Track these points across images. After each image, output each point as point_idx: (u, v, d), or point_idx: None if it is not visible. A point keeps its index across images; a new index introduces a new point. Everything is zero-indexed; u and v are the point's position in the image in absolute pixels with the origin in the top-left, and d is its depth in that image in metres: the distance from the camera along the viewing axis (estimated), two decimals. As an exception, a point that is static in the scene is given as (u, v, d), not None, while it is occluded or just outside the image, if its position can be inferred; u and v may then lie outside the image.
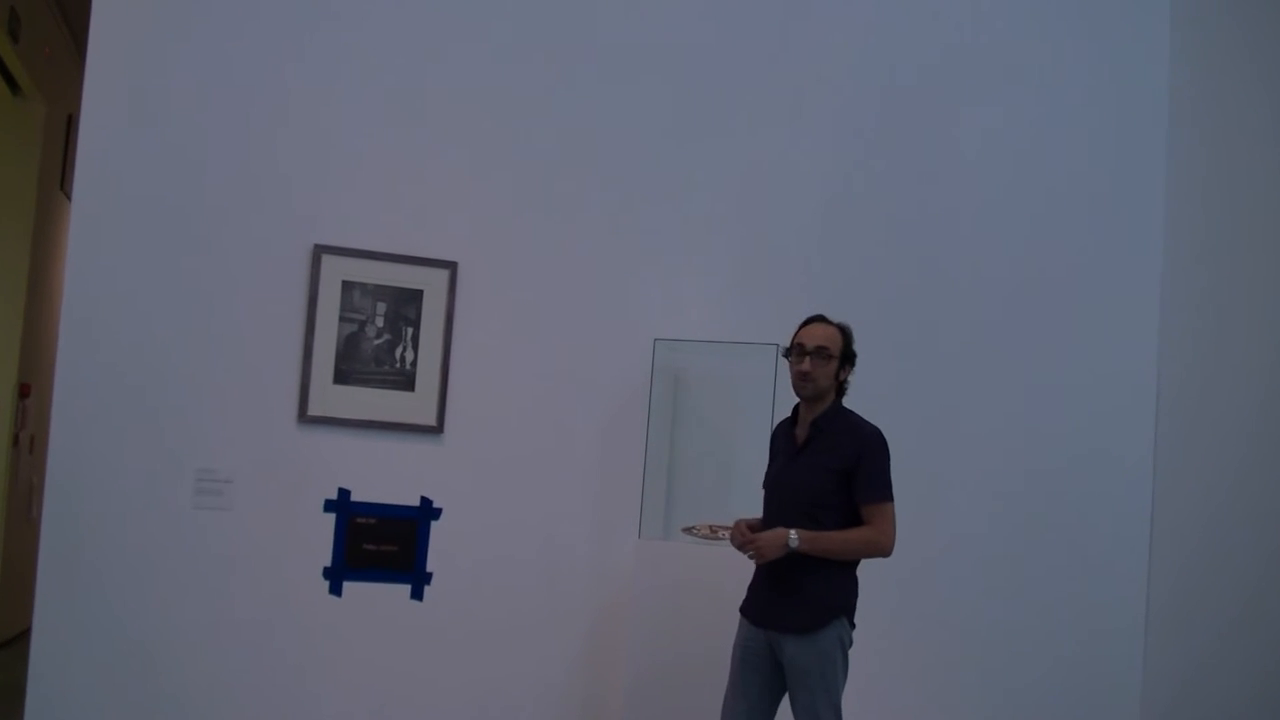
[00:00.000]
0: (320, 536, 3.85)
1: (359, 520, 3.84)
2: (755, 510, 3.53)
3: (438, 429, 3.94)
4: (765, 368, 3.71)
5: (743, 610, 3.30)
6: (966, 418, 4.41)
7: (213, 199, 3.82)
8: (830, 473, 3.14)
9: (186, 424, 3.76)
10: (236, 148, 3.86)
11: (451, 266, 3.97)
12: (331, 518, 3.85)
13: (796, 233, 4.35)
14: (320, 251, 3.86)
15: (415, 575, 3.92)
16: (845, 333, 3.22)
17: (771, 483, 3.29)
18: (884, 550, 3.14)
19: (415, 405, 3.91)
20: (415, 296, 3.92)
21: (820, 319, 3.24)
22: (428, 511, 3.94)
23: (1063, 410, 4.46)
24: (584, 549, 4.00)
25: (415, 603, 3.94)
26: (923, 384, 4.37)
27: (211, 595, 3.76)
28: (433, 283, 3.95)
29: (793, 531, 3.07)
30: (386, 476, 3.91)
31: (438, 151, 4.03)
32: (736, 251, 4.28)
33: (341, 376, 3.85)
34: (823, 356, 3.15)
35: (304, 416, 3.83)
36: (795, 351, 3.18)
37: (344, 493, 3.87)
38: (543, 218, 4.11)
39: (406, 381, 3.91)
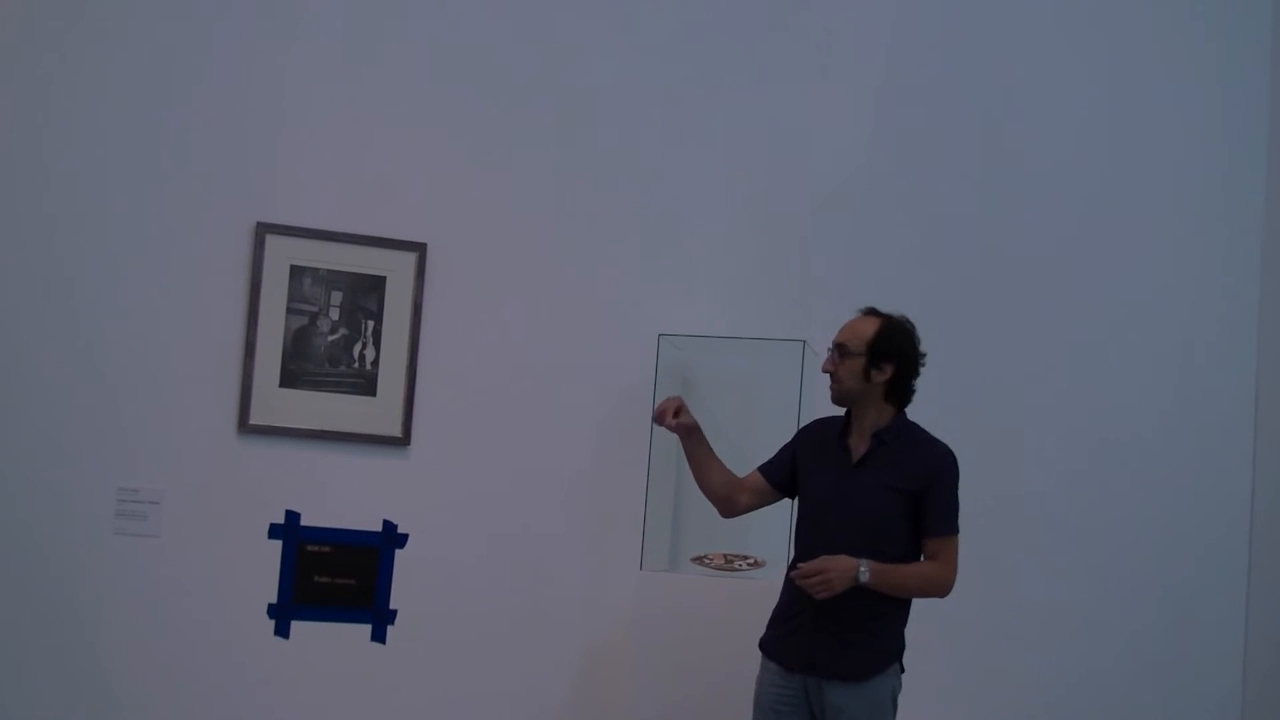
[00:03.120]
0: (264, 568, 3.58)
1: (310, 548, 3.59)
2: (778, 539, 3.36)
3: (403, 440, 3.66)
4: (790, 367, 3.51)
5: (770, 653, 3.04)
6: (1028, 414, 4.14)
7: (135, 168, 3.54)
8: (896, 494, 2.94)
9: (105, 435, 3.49)
10: (163, 107, 3.56)
11: (420, 249, 3.68)
12: (278, 545, 3.59)
13: (826, 209, 4.04)
14: (264, 231, 3.57)
15: (376, 613, 3.65)
16: (884, 328, 3.00)
17: (821, 500, 3.03)
18: (947, 589, 2.97)
19: (377, 412, 3.63)
20: (377, 284, 3.65)
21: (865, 311, 3.06)
22: (391, 538, 3.66)
23: (1150, 409, 4.20)
24: (576, 582, 3.74)
25: (376, 645, 3.66)
26: (977, 376, 4.09)
27: (135, 637, 3.49)
28: (397, 268, 3.66)
29: (864, 563, 2.84)
30: (343, 497, 3.64)
31: (404, 112, 3.74)
32: (755, 232, 4.00)
33: (289, 379, 3.59)
34: (843, 354, 2.98)
35: (245, 426, 3.56)
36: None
37: (292, 516, 3.60)
38: (527, 191, 3.82)
39: (366, 384, 3.64)
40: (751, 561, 3.53)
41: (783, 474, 3.14)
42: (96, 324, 3.50)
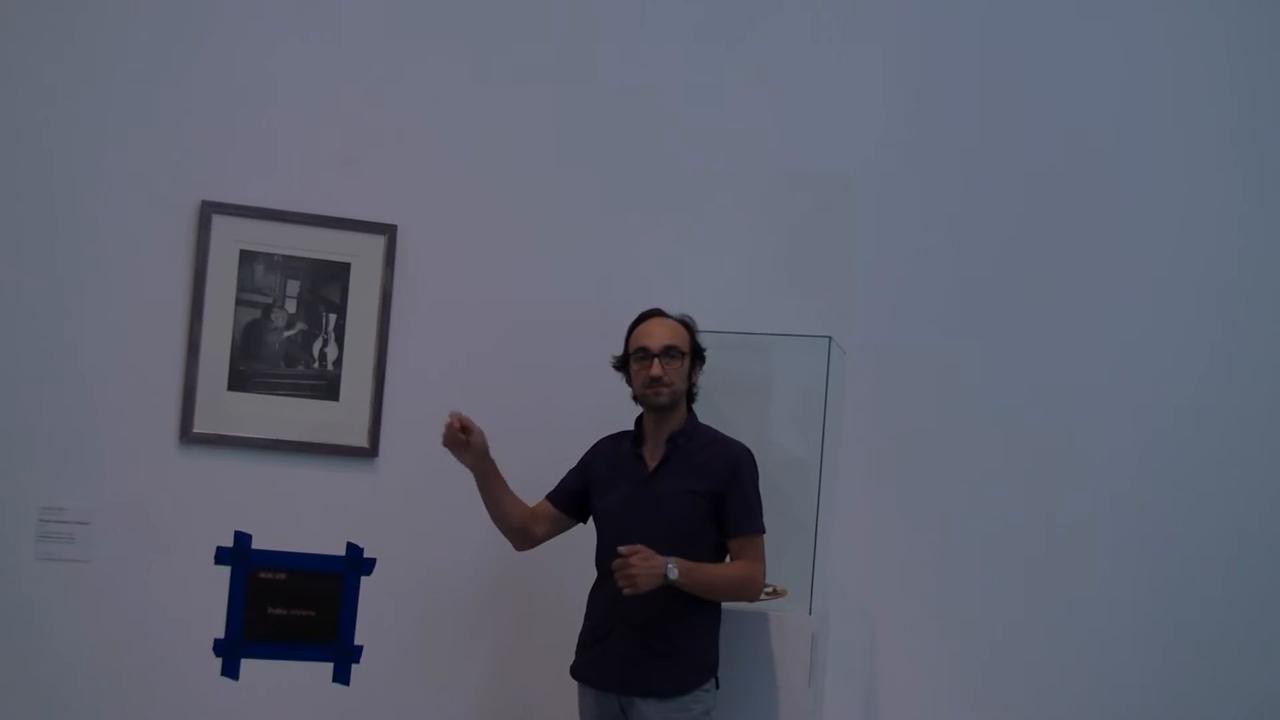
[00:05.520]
0: (210, 598, 3.40)
1: (263, 575, 3.43)
2: (801, 566, 3.32)
3: (370, 451, 3.48)
4: (814, 367, 3.40)
5: (583, 677, 3.08)
6: (1084, 415, 3.95)
7: (61, 141, 3.34)
8: (699, 497, 3.02)
9: (26, 446, 3.30)
10: (93, 70, 3.36)
11: (389, 231, 3.50)
12: (226, 572, 3.42)
13: (852, 194, 3.91)
14: (209, 210, 3.38)
15: (338, 650, 3.46)
16: (689, 325, 3.16)
17: (618, 513, 3.08)
18: (758, 591, 3.05)
19: (340, 419, 3.45)
20: (340, 272, 3.46)
21: (658, 313, 3.15)
22: (356, 563, 3.48)
23: (1223, 407, 3.97)
24: (571, 615, 3.39)
25: (339, 687, 3.47)
26: (1024, 376, 3.93)
27: (61, 677, 3.30)
28: (363, 253, 3.48)
29: (671, 561, 2.87)
30: (300, 516, 3.47)
31: (371, 75, 3.56)
32: (771, 214, 3.86)
33: (239, 381, 3.40)
34: (673, 357, 3.07)
35: (187, 435, 3.36)
36: (638, 356, 3.08)
37: (242, 538, 3.42)
38: (513, 167, 3.65)
39: (328, 387, 3.45)
40: (771, 590, 3.27)
41: (570, 499, 3.18)
42: (13, 319, 3.30)
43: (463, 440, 2.98)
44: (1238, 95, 4.10)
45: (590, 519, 3.19)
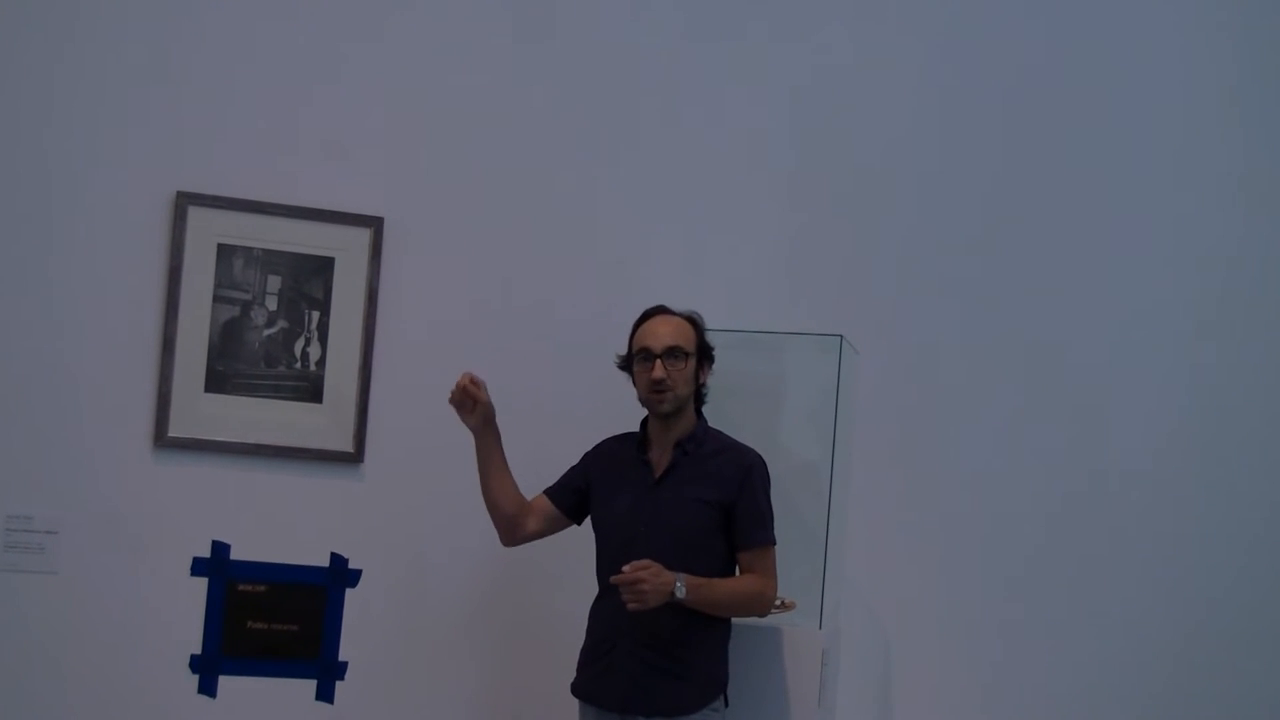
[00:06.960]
0: (186, 611, 3.34)
1: (242, 588, 3.37)
2: (812, 579, 3.21)
3: (355, 457, 3.41)
4: (826, 367, 3.30)
5: (585, 695, 3.01)
6: (1112, 416, 3.96)
7: (26, 129, 3.26)
8: (707, 507, 2.97)
9: None
10: (62, 54, 3.28)
11: (375, 224, 3.42)
12: (203, 584, 3.35)
13: (867, 186, 3.83)
14: (185, 201, 3.30)
15: (322, 666, 3.39)
16: (696, 323, 3.08)
17: (622, 521, 3.01)
18: (768, 606, 2.99)
19: (323, 422, 3.39)
20: (323, 267, 3.39)
21: (662, 310, 3.07)
22: (340, 574, 3.41)
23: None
24: (567, 628, 3.31)
25: (322, 705, 3.39)
26: (1049, 374, 3.92)
27: (28, 695, 3.23)
28: (348, 247, 3.41)
29: (679, 577, 2.82)
30: (282, 525, 3.41)
31: (356, 58, 3.48)
32: (783, 206, 3.77)
33: (217, 382, 3.34)
34: (677, 358, 3.00)
35: (162, 439, 3.29)
36: (640, 357, 3.01)
37: (220, 548, 3.35)
38: (507, 156, 3.57)
39: (311, 389, 3.39)
40: (780, 603, 3.18)
41: (572, 497, 3.10)
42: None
43: (471, 399, 2.91)
44: (1242, 74, 4.09)
45: (585, 522, 3.11)
